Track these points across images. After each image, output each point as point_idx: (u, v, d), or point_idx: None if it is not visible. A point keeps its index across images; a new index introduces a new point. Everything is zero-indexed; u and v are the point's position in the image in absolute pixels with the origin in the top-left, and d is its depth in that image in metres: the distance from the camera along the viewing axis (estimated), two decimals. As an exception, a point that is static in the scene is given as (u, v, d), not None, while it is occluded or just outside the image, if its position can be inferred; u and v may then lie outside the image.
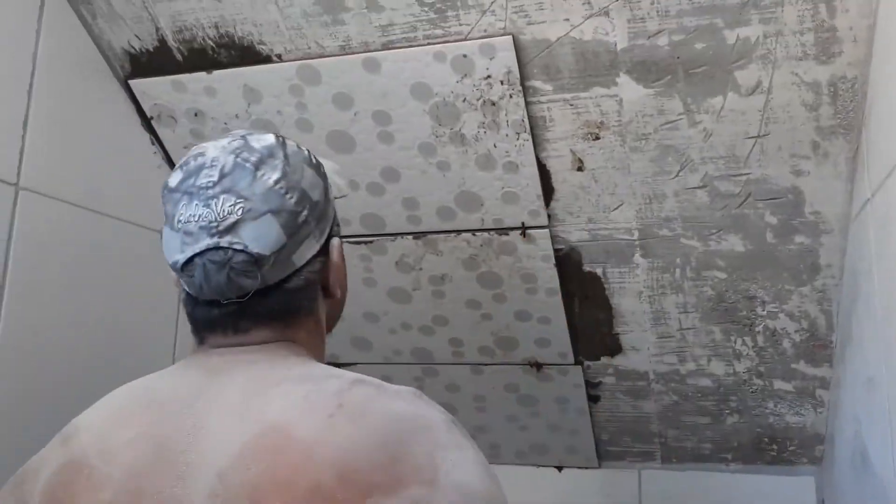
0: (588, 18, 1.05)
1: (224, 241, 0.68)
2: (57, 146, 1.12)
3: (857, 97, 1.03)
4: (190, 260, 0.69)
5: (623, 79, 1.10)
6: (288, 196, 0.71)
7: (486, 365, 1.55)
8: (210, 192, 0.69)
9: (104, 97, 1.24)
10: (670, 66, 1.07)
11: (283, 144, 0.75)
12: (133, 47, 1.23)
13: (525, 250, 1.34)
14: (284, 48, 1.18)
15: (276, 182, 0.70)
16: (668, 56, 1.06)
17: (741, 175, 1.16)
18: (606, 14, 1.04)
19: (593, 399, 1.56)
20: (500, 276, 1.39)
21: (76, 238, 1.15)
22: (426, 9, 1.08)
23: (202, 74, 1.23)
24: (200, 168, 0.70)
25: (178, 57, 1.22)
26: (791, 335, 1.33)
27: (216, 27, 1.17)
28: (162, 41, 1.21)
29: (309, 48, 1.16)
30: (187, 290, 0.74)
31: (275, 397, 0.65)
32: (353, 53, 1.15)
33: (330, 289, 0.79)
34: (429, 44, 1.11)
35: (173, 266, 0.71)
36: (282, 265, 0.72)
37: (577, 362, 1.49)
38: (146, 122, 1.31)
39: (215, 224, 0.68)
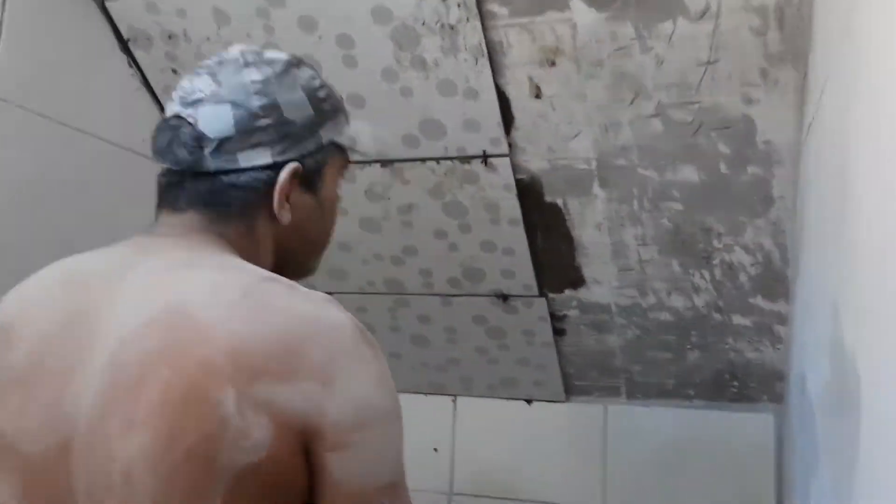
0: (540, -60, 1.06)
1: (185, 113, 0.73)
2: (33, 61, 1.17)
3: (804, 22, 1.04)
4: (162, 122, 0.75)
5: (576, 2, 1.11)
6: (256, 97, 0.74)
7: (454, 296, 1.60)
8: (200, 70, 0.75)
9: (82, 18, 1.28)
10: (620, -11, 1.08)
11: (295, 66, 0.77)
12: (107, -32, 1.27)
13: (487, 179, 1.36)
14: (250, -31, 1.21)
15: (253, 83, 0.74)
16: (618, -22, 1.07)
17: (693, 103, 1.17)
18: (558, -65, 1.05)
19: (559, 332, 1.59)
20: (464, 206, 1.43)
21: (47, 150, 1.20)
22: (383, -71, 1.10)
23: (173, -4, 1.26)
24: (219, 55, 0.77)
25: (151, -22, 1.26)
26: (747, 269, 1.35)
27: (185, -52, 1.20)
28: (134, -38, 1.25)
29: (273, -30, 1.19)
30: None
31: (184, 280, 0.67)
32: (315, -25, 1.18)
33: (276, 211, 0.77)
34: (386, -35, 1.14)
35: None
36: (224, 156, 0.74)
37: (542, 294, 1.52)
38: (123, 45, 1.36)
39: (186, 96, 0.74)
